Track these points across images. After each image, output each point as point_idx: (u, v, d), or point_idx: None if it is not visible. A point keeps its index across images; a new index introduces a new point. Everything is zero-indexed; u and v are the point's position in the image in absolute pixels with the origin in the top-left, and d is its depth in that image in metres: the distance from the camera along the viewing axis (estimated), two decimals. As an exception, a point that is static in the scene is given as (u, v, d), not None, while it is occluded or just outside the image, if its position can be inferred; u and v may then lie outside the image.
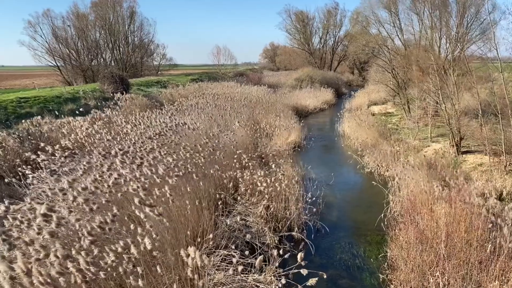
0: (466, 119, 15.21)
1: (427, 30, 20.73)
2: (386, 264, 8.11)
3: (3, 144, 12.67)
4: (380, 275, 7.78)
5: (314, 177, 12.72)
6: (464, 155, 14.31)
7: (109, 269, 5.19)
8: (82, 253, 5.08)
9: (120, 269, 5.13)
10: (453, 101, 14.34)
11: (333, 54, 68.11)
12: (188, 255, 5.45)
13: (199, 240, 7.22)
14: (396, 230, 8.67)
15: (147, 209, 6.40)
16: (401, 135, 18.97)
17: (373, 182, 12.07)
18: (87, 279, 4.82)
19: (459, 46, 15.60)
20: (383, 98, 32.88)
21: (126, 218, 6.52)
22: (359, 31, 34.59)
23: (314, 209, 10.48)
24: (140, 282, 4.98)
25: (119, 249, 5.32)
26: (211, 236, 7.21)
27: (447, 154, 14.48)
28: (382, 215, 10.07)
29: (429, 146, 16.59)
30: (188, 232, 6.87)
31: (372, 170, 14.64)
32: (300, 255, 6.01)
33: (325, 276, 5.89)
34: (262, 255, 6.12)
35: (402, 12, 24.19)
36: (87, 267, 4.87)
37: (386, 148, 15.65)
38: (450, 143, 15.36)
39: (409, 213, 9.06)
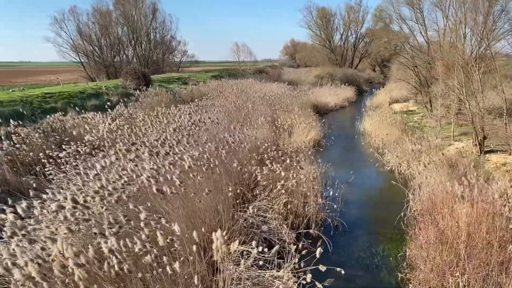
0: (490, 118, 14.89)
1: (452, 27, 20.33)
2: (405, 263, 8.06)
3: (28, 140, 13.01)
4: (398, 274, 7.74)
5: (333, 174, 12.65)
6: (487, 155, 14.02)
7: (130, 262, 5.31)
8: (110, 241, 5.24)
9: (148, 258, 5.24)
10: (477, 99, 14.05)
11: (354, 51, 67.34)
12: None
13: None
14: (416, 230, 8.59)
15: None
16: (422, 134, 18.69)
17: (393, 180, 11.97)
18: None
19: (485, 42, 15.24)
20: (404, 96, 32.38)
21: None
22: (381, 28, 34.18)
23: (333, 206, 10.47)
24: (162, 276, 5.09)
25: (143, 237, 5.44)
26: (224, 233, 7.27)
27: (470, 153, 14.23)
28: (402, 214, 10.00)
29: (451, 144, 16.31)
30: (205, 227, 6.94)
31: (393, 169, 14.50)
32: (319, 250, 6.04)
33: (343, 272, 5.88)
34: (276, 247, 6.15)
35: (425, 8, 23.85)
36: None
37: (407, 146, 15.46)
38: (473, 142, 15.07)
39: (429, 213, 8.97)
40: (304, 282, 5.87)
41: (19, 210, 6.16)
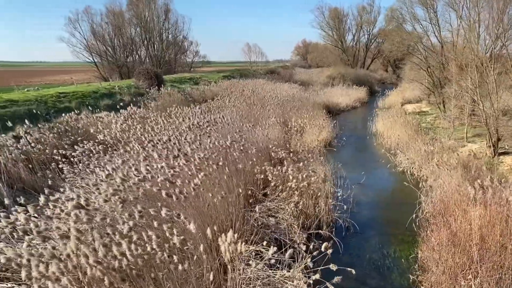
0: (505, 119, 14.70)
1: (465, 26, 20.11)
2: (416, 265, 8.00)
3: (43, 139, 13.18)
4: (410, 276, 7.68)
5: (345, 175, 12.61)
6: (501, 156, 13.85)
7: (145, 257, 5.36)
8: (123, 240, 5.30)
9: (157, 258, 5.30)
10: (492, 100, 13.88)
11: (366, 51, 66.94)
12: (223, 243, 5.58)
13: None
14: (428, 231, 8.51)
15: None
16: (435, 135, 18.51)
17: (405, 181, 11.88)
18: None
19: (502, 41, 15.06)
20: (417, 96, 32.11)
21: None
22: (394, 28, 33.95)
23: (344, 207, 10.43)
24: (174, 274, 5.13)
25: (154, 237, 5.49)
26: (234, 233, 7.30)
27: (483, 155, 14.06)
28: (414, 215, 9.89)
29: (464, 146, 16.14)
30: (215, 227, 6.96)
31: (405, 170, 14.39)
32: (325, 245, 6.07)
33: (354, 272, 5.87)
34: (290, 250, 6.14)
35: (439, 8, 23.61)
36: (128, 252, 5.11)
37: (420, 147, 15.34)
38: (487, 143, 14.89)
39: (441, 214, 8.88)
40: (314, 282, 5.86)
41: (34, 208, 6.28)
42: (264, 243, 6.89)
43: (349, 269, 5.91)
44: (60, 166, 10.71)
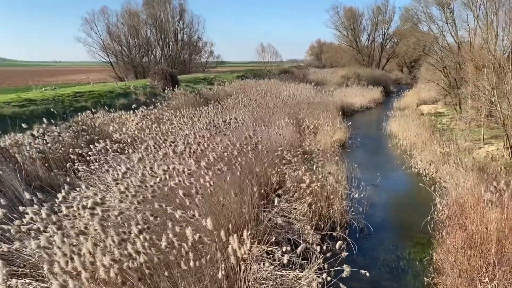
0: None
1: (483, 27, 19.83)
2: (431, 267, 7.93)
3: (60, 138, 13.38)
4: (425, 278, 7.62)
5: (359, 176, 12.53)
6: (519, 159, 13.63)
7: (161, 257, 5.42)
8: (140, 237, 5.38)
9: (174, 254, 5.35)
10: (509, 101, 13.66)
11: (381, 51, 66.37)
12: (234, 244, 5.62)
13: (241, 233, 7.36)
14: (443, 234, 8.41)
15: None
16: (451, 136, 18.27)
17: (420, 183, 11.76)
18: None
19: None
20: (433, 97, 31.79)
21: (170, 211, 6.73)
22: (409, 28, 33.65)
23: (359, 209, 10.38)
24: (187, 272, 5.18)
25: (170, 235, 5.55)
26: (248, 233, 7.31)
27: (501, 157, 13.84)
28: (429, 217, 9.80)
29: (481, 148, 15.90)
30: (230, 226, 6.99)
31: (420, 171, 14.24)
32: (339, 243, 6.07)
33: (367, 275, 5.84)
34: (303, 245, 6.14)
35: (455, 8, 23.32)
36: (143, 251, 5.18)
37: (436, 149, 15.17)
38: (504, 145, 14.66)
39: (457, 217, 8.77)
40: (327, 282, 5.85)
41: (51, 205, 6.41)
42: (273, 240, 6.89)
43: (363, 271, 5.89)
44: (76, 165, 10.88)
